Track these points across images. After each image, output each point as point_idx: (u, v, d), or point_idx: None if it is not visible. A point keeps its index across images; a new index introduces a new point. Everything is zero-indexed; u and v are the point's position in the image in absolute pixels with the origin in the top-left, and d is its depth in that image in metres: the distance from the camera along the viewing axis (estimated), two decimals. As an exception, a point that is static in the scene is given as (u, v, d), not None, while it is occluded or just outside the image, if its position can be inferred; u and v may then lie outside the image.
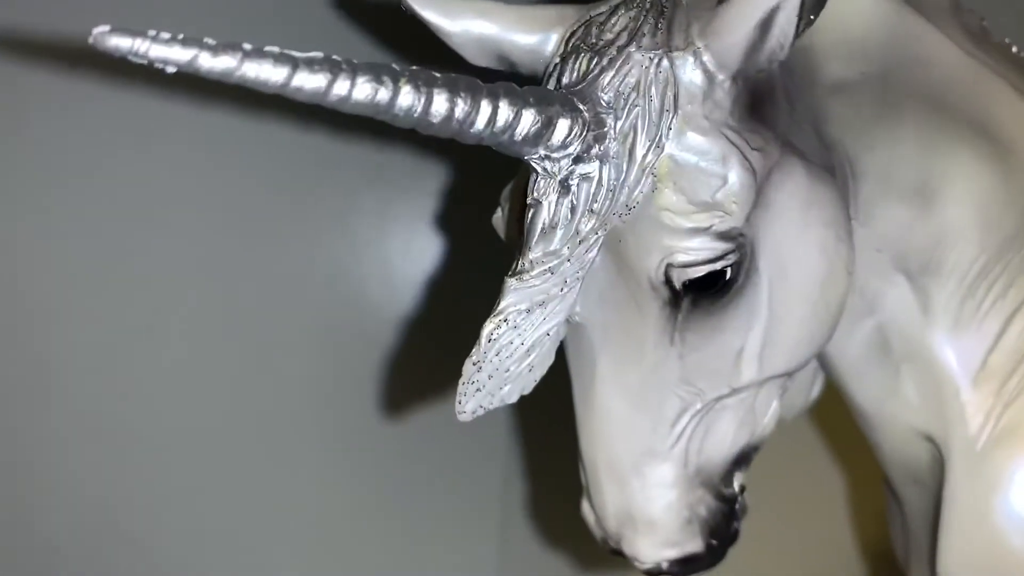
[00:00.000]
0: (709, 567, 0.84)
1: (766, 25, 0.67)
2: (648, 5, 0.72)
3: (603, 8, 0.75)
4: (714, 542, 0.82)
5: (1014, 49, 0.93)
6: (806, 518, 1.61)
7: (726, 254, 0.70)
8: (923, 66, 0.86)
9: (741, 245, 0.71)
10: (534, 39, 0.77)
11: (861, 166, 0.84)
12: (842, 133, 0.82)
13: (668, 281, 0.71)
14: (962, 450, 0.88)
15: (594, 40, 0.72)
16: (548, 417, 0.83)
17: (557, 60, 0.74)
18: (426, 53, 0.81)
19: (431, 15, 0.76)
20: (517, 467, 1.70)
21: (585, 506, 0.84)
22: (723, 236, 0.70)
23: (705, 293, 0.72)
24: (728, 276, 0.71)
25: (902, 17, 0.85)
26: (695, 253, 0.69)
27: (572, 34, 0.75)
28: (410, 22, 0.78)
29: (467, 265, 1.60)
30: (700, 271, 0.70)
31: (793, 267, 0.75)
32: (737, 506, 0.84)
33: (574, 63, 0.72)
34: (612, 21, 0.72)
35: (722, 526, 0.82)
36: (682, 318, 0.73)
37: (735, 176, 0.69)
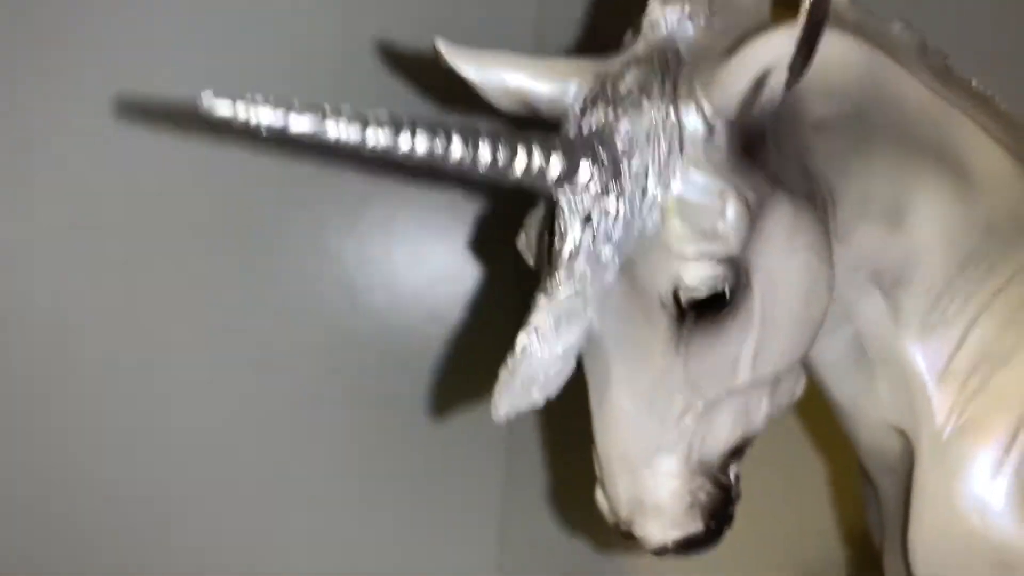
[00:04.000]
0: (709, 547, 0.95)
1: (759, 82, 0.78)
2: (656, 64, 0.84)
3: (616, 65, 0.86)
4: (713, 524, 0.94)
5: (974, 84, 1.04)
6: (790, 506, 1.73)
7: (725, 277, 0.82)
8: (894, 104, 0.98)
9: (738, 269, 0.82)
10: (555, 88, 0.88)
11: (840, 193, 0.96)
12: (824, 165, 0.94)
13: (676, 300, 0.82)
14: (929, 440, 1.00)
15: (609, 94, 0.83)
16: (556, 418, 0.94)
17: (578, 112, 0.86)
18: (457, 98, 0.93)
19: (466, 68, 0.87)
20: (521, 462, 1.79)
21: (599, 495, 0.95)
22: (723, 262, 0.81)
23: (707, 309, 0.83)
24: (727, 296, 0.83)
25: (875, 61, 0.97)
26: (699, 277, 0.81)
27: (590, 90, 0.86)
28: (445, 74, 0.89)
29: (471, 275, 1.70)
30: (703, 292, 0.82)
31: (781, 285, 0.87)
32: (733, 493, 0.96)
33: (593, 114, 0.83)
34: (626, 78, 0.84)
35: (720, 510, 0.94)
36: (687, 331, 0.84)
37: (732, 209, 0.81)
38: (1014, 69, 1.24)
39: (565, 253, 0.80)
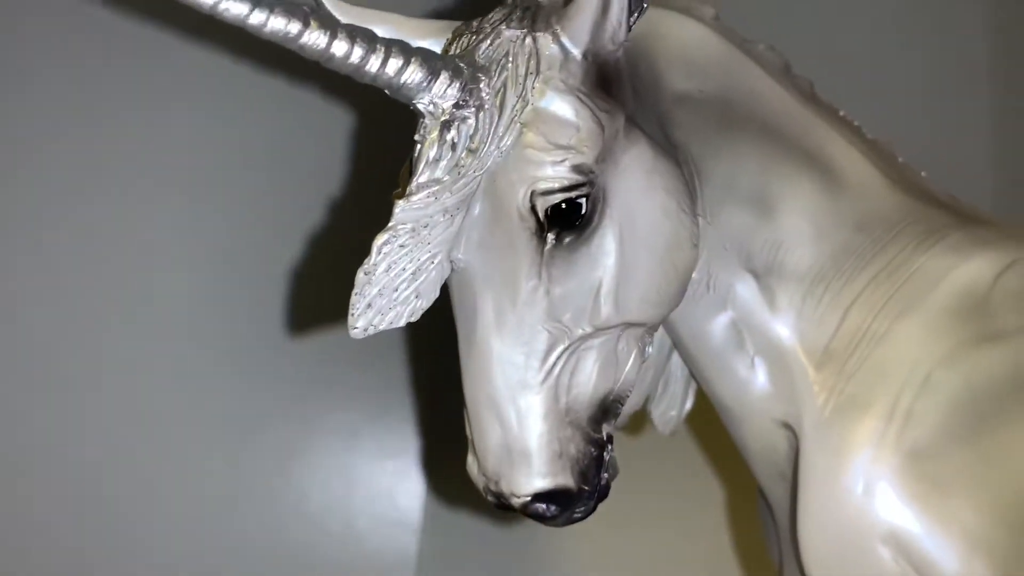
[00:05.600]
0: (580, 512, 0.90)
1: (605, 8, 0.85)
2: (516, 5, 0.90)
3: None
4: (586, 488, 0.89)
5: (841, 113, 1.11)
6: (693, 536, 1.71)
7: (579, 185, 0.84)
8: (758, 100, 1.03)
9: (592, 183, 0.84)
10: (426, 43, 0.93)
11: (706, 170, 0.99)
12: (687, 138, 0.98)
13: (534, 209, 0.83)
14: (812, 422, 0.98)
15: (474, 28, 0.89)
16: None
17: (446, 45, 0.90)
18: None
19: (344, 19, 0.92)
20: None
21: (470, 459, 0.91)
22: (576, 169, 0.84)
23: (566, 229, 0.85)
24: (583, 211, 0.84)
25: (738, 58, 1.03)
26: (554, 181, 0.83)
27: (455, 30, 0.91)
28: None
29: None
30: (558, 197, 0.83)
31: (640, 221, 0.88)
32: (606, 456, 0.92)
33: (458, 43, 0.88)
34: (489, 17, 0.89)
35: (591, 471, 0.90)
36: (548, 251, 0.85)
37: (584, 125, 0.84)
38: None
39: (424, 158, 0.82)
